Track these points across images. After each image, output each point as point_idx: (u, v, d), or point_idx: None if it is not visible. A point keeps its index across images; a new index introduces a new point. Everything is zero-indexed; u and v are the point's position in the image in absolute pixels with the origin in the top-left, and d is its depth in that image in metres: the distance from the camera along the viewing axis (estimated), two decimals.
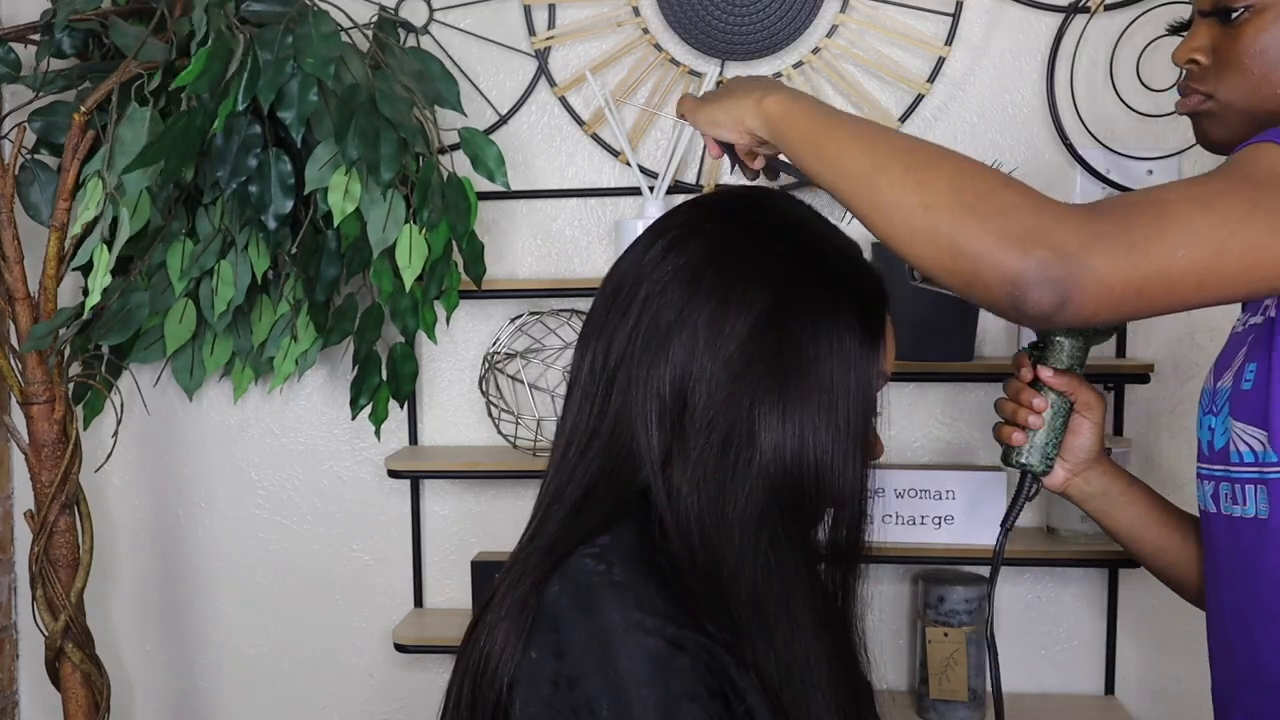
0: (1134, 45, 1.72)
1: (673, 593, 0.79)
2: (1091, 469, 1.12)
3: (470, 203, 1.62)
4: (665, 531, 0.81)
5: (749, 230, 0.84)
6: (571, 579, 0.79)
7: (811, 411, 0.80)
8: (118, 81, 1.46)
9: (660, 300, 0.82)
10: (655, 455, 0.81)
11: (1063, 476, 1.12)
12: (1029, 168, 1.77)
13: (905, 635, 1.83)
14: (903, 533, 1.68)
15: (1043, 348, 1.11)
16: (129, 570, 1.97)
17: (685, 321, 0.81)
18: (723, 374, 0.80)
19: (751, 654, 0.79)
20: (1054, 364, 1.09)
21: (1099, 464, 1.12)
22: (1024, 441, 1.10)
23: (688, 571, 0.80)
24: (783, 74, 1.78)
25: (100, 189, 1.44)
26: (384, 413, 1.76)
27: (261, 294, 1.74)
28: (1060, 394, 1.08)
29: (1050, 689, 1.82)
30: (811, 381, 0.80)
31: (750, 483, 0.80)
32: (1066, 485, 1.13)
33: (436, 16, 1.82)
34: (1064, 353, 1.09)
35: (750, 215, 0.86)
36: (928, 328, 1.66)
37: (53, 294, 1.56)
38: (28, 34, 1.62)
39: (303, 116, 1.49)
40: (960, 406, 1.81)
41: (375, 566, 1.92)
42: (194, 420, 1.93)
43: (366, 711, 1.94)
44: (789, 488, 0.80)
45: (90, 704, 1.67)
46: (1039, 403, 1.08)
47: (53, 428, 1.60)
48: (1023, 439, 1.10)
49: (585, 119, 1.82)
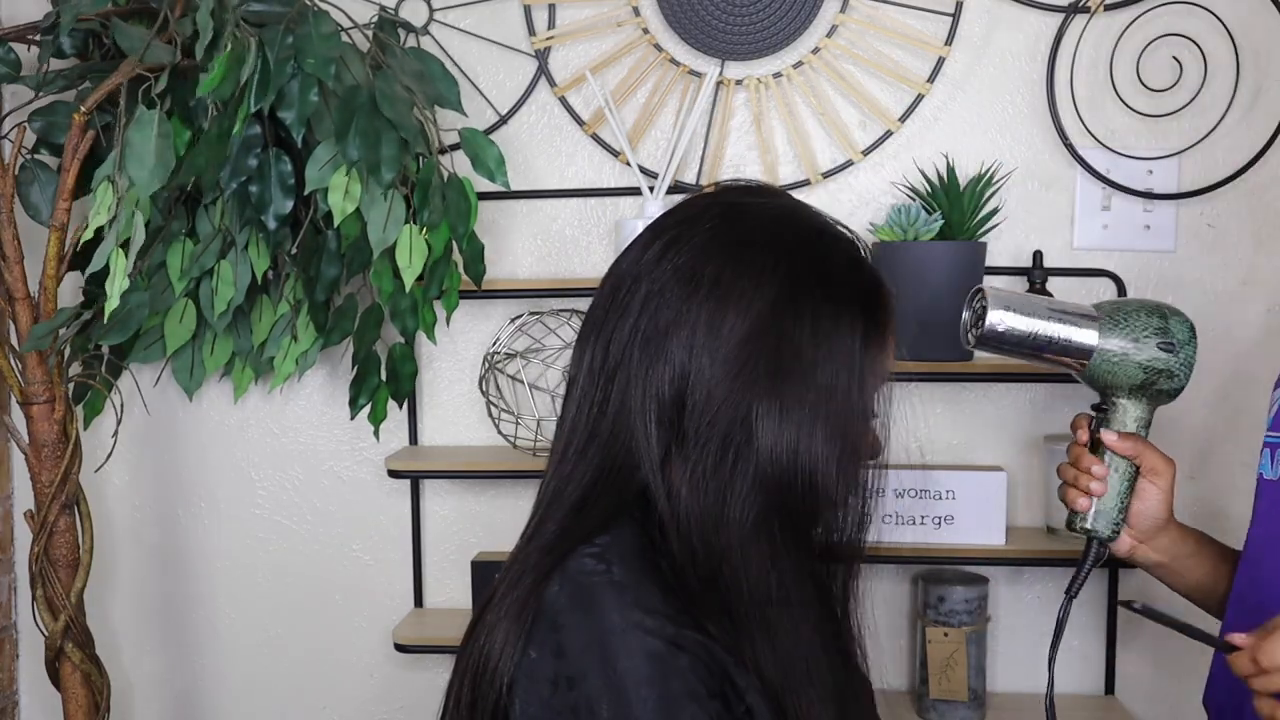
0: (1134, 45, 1.73)
1: (672, 592, 0.79)
2: (1159, 535, 1.08)
3: (471, 203, 1.62)
4: (665, 531, 0.81)
5: (749, 228, 0.84)
6: (571, 578, 0.79)
7: (809, 412, 0.80)
8: (118, 82, 1.46)
9: (659, 300, 0.82)
10: (654, 455, 0.81)
11: (1129, 544, 1.08)
12: (1029, 168, 1.77)
13: (905, 635, 1.83)
14: (903, 533, 1.68)
15: (1105, 410, 1.07)
16: (129, 570, 1.97)
17: (684, 321, 0.81)
18: (721, 374, 0.80)
19: (751, 653, 0.79)
20: (1117, 427, 1.06)
21: (1167, 529, 1.08)
22: (1088, 507, 1.07)
23: (687, 571, 0.80)
24: (783, 74, 1.78)
25: (111, 193, 1.43)
26: (383, 413, 1.76)
27: (261, 294, 1.74)
28: (1125, 459, 1.06)
29: None
30: (810, 382, 0.80)
31: (749, 483, 0.80)
32: (1133, 552, 1.09)
33: (436, 16, 1.82)
34: (1128, 415, 1.05)
35: (750, 213, 0.85)
36: (928, 328, 1.66)
37: (53, 294, 1.56)
38: (28, 34, 1.62)
39: (303, 117, 1.49)
40: (960, 406, 1.81)
41: (375, 566, 1.92)
42: (194, 420, 1.93)
43: (366, 711, 1.94)
44: (787, 488, 0.80)
45: (90, 704, 1.67)
46: (1099, 469, 1.05)
47: (53, 428, 1.60)
48: (1087, 504, 1.07)
49: (585, 119, 1.82)
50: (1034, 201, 1.78)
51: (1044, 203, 1.78)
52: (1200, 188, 1.74)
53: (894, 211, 1.69)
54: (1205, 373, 1.78)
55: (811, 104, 1.79)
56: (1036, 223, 1.78)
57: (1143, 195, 1.75)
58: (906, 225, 1.67)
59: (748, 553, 0.80)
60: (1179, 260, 1.77)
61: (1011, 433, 1.80)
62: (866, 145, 1.78)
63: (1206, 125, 1.73)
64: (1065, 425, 1.75)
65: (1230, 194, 1.74)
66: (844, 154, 1.78)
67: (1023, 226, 1.77)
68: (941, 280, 1.65)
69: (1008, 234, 1.76)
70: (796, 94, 1.79)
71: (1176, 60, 1.73)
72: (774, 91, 1.79)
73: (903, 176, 1.78)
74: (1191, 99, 1.73)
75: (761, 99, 1.79)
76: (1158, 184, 1.75)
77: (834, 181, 1.79)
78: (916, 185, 1.73)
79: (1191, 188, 1.74)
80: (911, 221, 1.67)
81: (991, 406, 1.81)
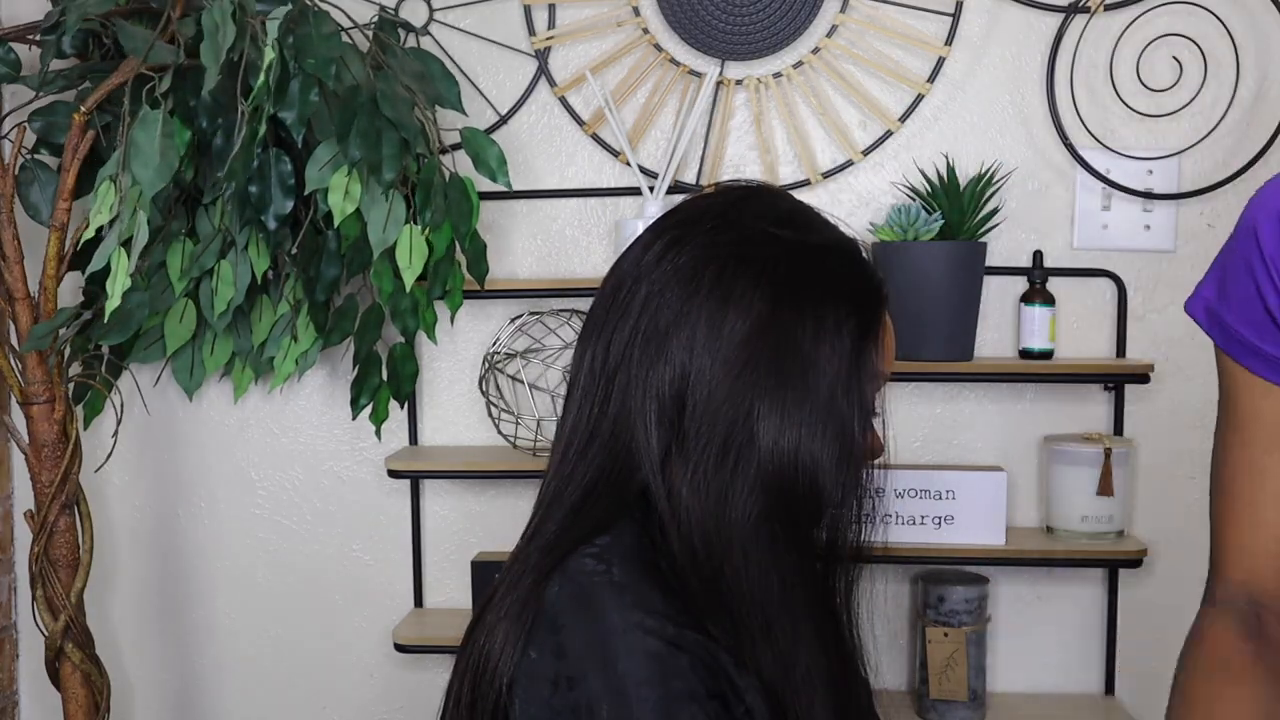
0: (1134, 45, 1.73)
1: (673, 593, 0.79)
2: None
3: (473, 203, 1.62)
4: (665, 532, 0.81)
5: (748, 229, 0.84)
6: (571, 579, 0.79)
7: (809, 412, 0.80)
8: (119, 81, 1.46)
9: (660, 300, 0.82)
10: (655, 455, 0.81)
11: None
12: (1029, 168, 1.77)
13: (905, 635, 1.83)
14: (903, 533, 1.68)
15: None
16: (129, 570, 1.97)
17: (684, 321, 0.81)
18: (722, 374, 0.80)
19: (752, 654, 0.79)
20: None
21: None
22: None
23: (688, 572, 0.80)
24: (783, 74, 1.78)
25: (113, 193, 1.43)
26: (384, 413, 1.76)
27: (261, 294, 1.74)
28: None
29: (1050, 689, 1.82)
30: (810, 382, 0.80)
31: (750, 483, 0.80)
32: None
33: (436, 16, 1.82)
34: None
35: (750, 213, 0.85)
36: (928, 328, 1.66)
37: (53, 294, 1.56)
38: (28, 34, 1.62)
39: (303, 117, 1.49)
40: (960, 406, 1.81)
41: (375, 566, 1.92)
42: (194, 420, 1.93)
43: (366, 711, 1.94)
44: (787, 488, 0.80)
45: (90, 704, 1.67)
46: None
47: (53, 428, 1.60)
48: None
49: (585, 119, 1.82)
50: (1034, 201, 1.78)
51: (1044, 203, 1.78)
52: (1200, 188, 1.74)
53: (894, 211, 1.69)
54: (1206, 372, 1.78)
55: (811, 104, 1.79)
56: (1036, 223, 1.78)
57: (1143, 195, 1.75)
58: (906, 225, 1.67)
59: (749, 553, 0.80)
60: (1179, 260, 1.77)
61: (1011, 433, 1.80)
62: (866, 145, 1.78)
63: (1206, 125, 1.73)
64: (1065, 425, 1.78)
65: (1230, 194, 1.74)
66: (844, 154, 1.78)
67: (1023, 226, 1.77)
68: (941, 280, 1.65)
69: (1008, 234, 1.76)
70: (796, 94, 1.79)
71: (1176, 60, 1.73)
72: (774, 91, 1.79)
73: (903, 176, 1.78)
74: (1191, 99, 1.73)
75: (761, 99, 1.79)
76: (1158, 184, 1.75)
77: (834, 181, 1.79)
78: (916, 185, 1.73)
79: (1191, 188, 1.74)
80: (911, 221, 1.67)
81: (991, 406, 1.81)
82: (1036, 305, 1.72)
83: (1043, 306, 1.72)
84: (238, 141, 1.47)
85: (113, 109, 1.51)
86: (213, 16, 1.41)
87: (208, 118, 1.55)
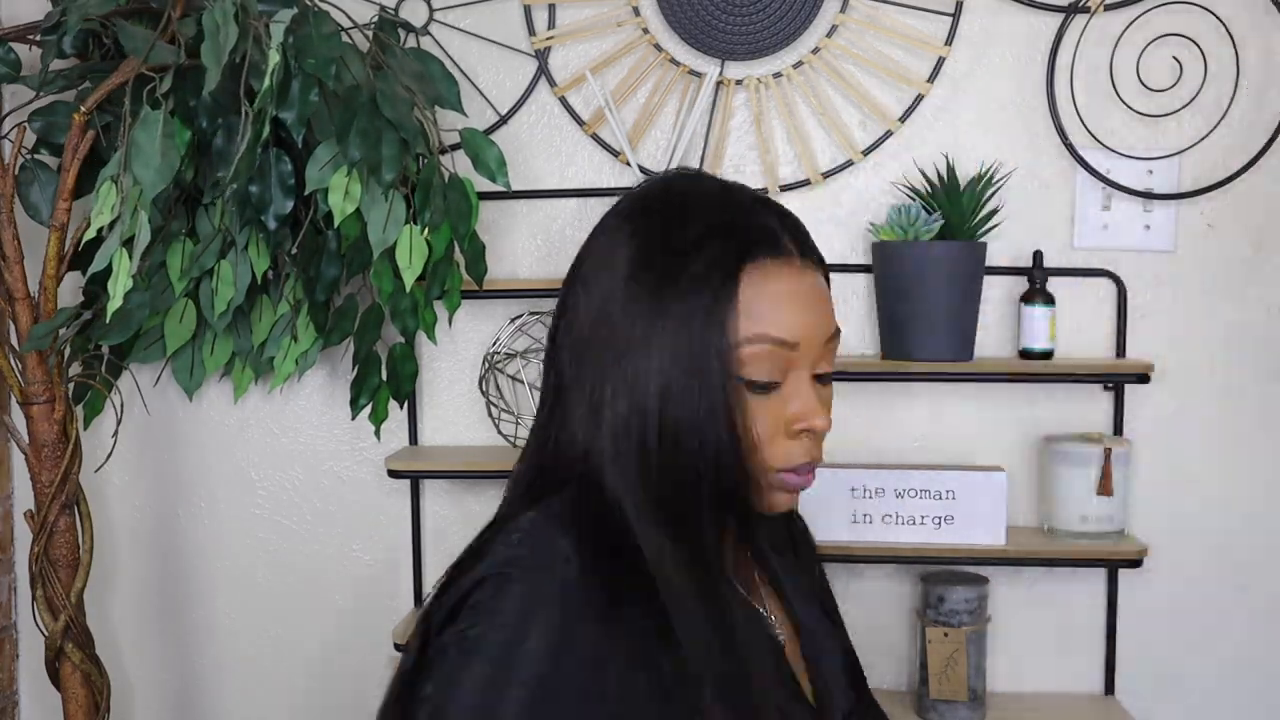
0: (1134, 45, 1.73)
1: (593, 575, 0.79)
2: None
3: (472, 203, 1.62)
4: (587, 514, 0.82)
5: (621, 202, 0.89)
6: (489, 564, 0.81)
7: (666, 376, 0.80)
8: (119, 81, 1.46)
9: (565, 291, 0.88)
10: (578, 445, 0.84)
11: None
12: (1029, 168, 1.77)
13: (905, 635, 1.83)
14: (903, 533, 1.68)
15: None
16: (129, 570, 1.97)
17: (564, 306, 0.87)
18: (584, 347, 0.84)
19: (669, 628, 0.79)
20: None
21: None
22: None
23: (605, 552, 0.81)
24: (783, 74, 1.78)
25: (115, 193, 1.43)
26: (385, 413, 1.76)
27: (261, 294, 1.74)
28: None
29: (1050, 689, 1.82)
30: (656, 347, 0.81)
31: (648, 458, 0.81)
32: None
33: (436, 17, 1.82)
34: None
35: (632, 192, 0.89)
36: (927, 327, 1.66)
37: (53, 294, 1.56)
38: (28, 34, 1.62)
39: (303, 117, 1.49)
40: (960, 406, 1.81)
41: (375, 566, 1.92)
42: (194, 420, 1.93)
43: (366, 711, 1.93)
44: (664, 453, 0.81)
45: (90, 704, 1.67)
46: None
47: (53, 428, 1.60)
48: None
49: (585, 119, 1.82)
50: (1034, 201, 1.78)
51: (1044, 203, 1.78)
52: (1200, 188, 1.74)
53: (894, 211, 1.69)
54: (1206, 372, 1.78)
55: (811, 104, 1.79)
56: (1036, 223, 1.78)
57: (1143, 195, 1.75)
58: (906, 225, 1.67)
59: (660, 529, 0.81)
60: (1179, 260, 1.77)
61: (1011, 433, 1.80)
62: (866, 145, 1.78)
63: (1206, 125, 1.73)
64: (1065, 425, 1.78)
65: (1230, 194, 1.74)
66: (844, 154, 1.78)
67: (1023, 226, 1.77)
68: (941, 280, 1.65)
69: (1008, 234, 1.76)
70: (796, 94, 1.79)
71: (1176, 60, 1.73)
72: (774, 91, 1.79)
73: (903, 176, 1.78)
74: (1191, 99, 1.73)
75: (761, 99, 1.79)
76: (1158, 184, 1.75)
77: (834, 181, 1.79)
78: (916, 185, 1.73)
79: (1191, 188, 1.74)
80: (911, 221, 1.67)
81: (991, 406, 1.81)
82: (1036, 305, 1.72)
83: (1043, 306, 1.72)
84: (240, 142, 1.47)
85: (113, 109, 1.51)
86: (214, 17, 1.41)
87: (208, 118, 1.55)
